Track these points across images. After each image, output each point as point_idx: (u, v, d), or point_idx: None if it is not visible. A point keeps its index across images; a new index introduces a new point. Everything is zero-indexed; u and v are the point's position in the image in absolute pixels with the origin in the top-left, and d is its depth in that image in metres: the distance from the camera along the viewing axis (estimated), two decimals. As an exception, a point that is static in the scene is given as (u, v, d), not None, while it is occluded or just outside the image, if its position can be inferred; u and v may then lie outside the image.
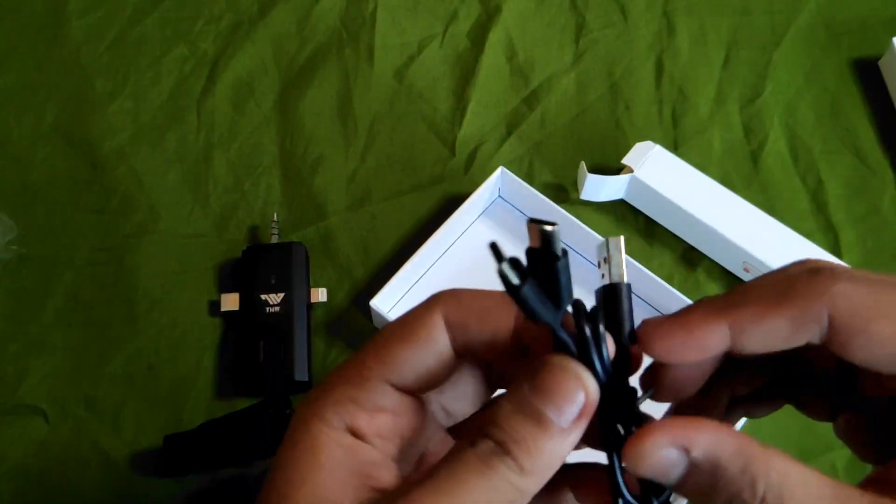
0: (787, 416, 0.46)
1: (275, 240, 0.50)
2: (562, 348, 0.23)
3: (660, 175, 0.50)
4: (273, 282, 0.47)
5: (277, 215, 0.51)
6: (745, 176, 0.54)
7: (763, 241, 0.48)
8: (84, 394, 0.47)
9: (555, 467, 0.22)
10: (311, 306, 0.48)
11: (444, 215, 0.49)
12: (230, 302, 0.48)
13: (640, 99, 0.57)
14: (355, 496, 0.22)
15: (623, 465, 0.22)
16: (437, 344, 0.24)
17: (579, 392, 0.22)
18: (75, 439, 0.46)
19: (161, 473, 0.45)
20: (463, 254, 0.50)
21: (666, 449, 0.21)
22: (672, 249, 0.51)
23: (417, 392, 0.24)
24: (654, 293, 0.48)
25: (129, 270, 0.51)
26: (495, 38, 0.59)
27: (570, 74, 0.58)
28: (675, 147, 0.55)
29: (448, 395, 0.26)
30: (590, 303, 0.25)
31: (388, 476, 0.23)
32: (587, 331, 0.23)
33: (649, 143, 0.51)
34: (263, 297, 0.47)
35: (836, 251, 0.51)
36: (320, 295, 0.48)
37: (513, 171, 0.50)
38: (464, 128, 0.56)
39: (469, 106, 0.56)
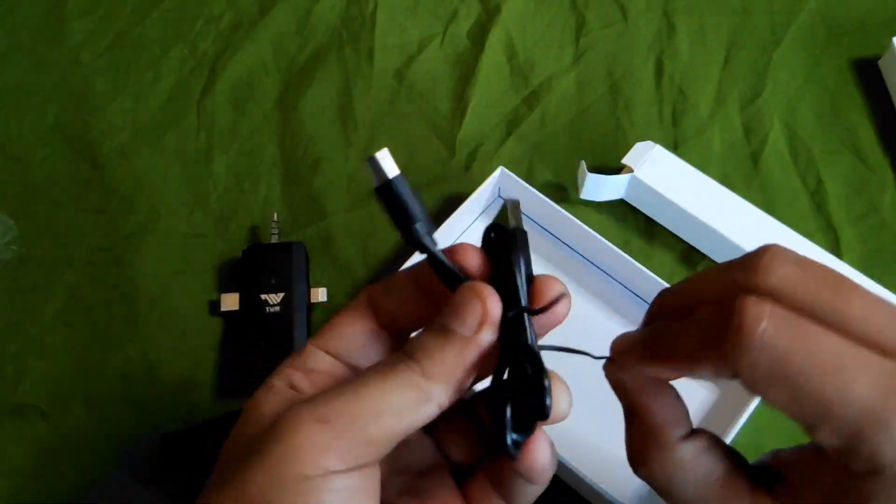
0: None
1: (275, 240, 0.50)
2: (440, 270, 0.26)
3: (660, 175, 0.50)
4: (273, 282, 0.47)
5: (277, 215, 0.51)
6: (745, 176, 0.54)
7: (763, 241, 0.47)
8: (84, 394, 0.47)
9: (458, 376, 0.25)
10: (311, 306, 0.48)
11: (444, 215, 0.49)
12: (230, 302, 0.48)
13: (640, 99, 0.57)
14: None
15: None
16: (361, 318, 0.28)
17: (477, 304, 0.25)
18: (75, 439, 0.46)
19: (160, 473, 0.45)
20: (463, 254, 0.50)
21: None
22: (672, 249, 0.51)
23: (347, 359, 0.28)
24: (654, 293, 0.48)
25: (129, 270, 0.51)
26: (495, 38, 0.59)
27: (570, 74, 0.58)
28: (675, 147, 0.55)
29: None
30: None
31: None
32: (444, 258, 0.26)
33: (649, 143, 0.51)
34: (263, 297, 0.47)
35: (836, 251, 0.51)
36: (320, 295, 0.48)
37: (513, 171, 0.50)
38: (464, 128, 0.56)
39: (469, 106, 0.56)
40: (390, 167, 0.26)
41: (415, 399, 0.24)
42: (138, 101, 0.57)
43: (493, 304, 0.25)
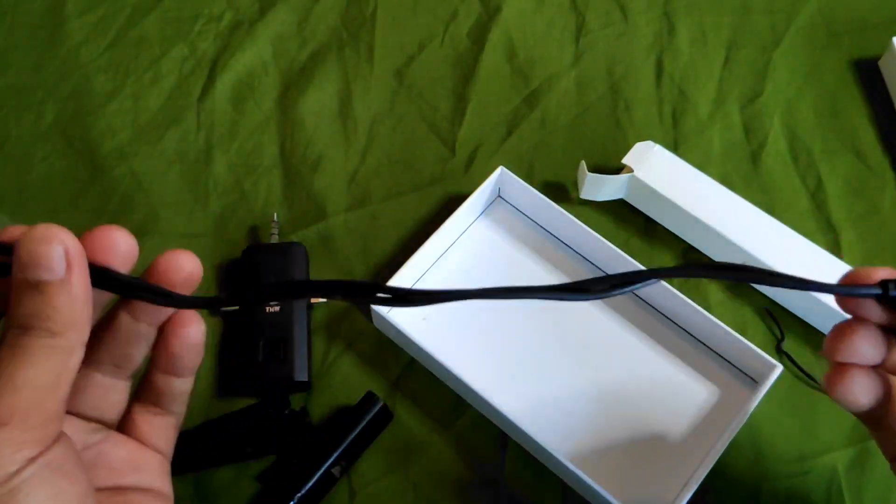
0: (787, 416, 0.46)
1: (275, 240, 0.50)
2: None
3: (660, 175, 0.50)
4: (273, 281, 0.47)
5: (277, 215, 0.51)
6: (745, 176, 0.54)
7: (763, 241, 0.48)
8: (84, 394, 0.47)
9: (81, 310, 0.25)
10: (311, 306, 0.48)
11: (444, 215, 0.49)
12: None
13: (640, 99, 0.57)
14: None
15: None
16: None
17: (56, 247, 0.24)
18: (75, 439, 0.46)
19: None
20: (463, 254, 0.50)
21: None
22: (672, 249, 0.51)
23: None
24: (654, 293, 0.48)
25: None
26: (495, 38, 0.59)
27: (570, 74, 0.58)
28: (675, 147, 0.55)
29: None
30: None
31: None
32: None
33: (649, 142, 0.51)
34: (263, 297, 0.47)
35: (836, 251, 0.51)
36: (320, 295, 0.48)
37: (513, 171, 0.50)
38: (464, 128, 0.56)
39: (469, 106, 0.56)
40: None
41: (64, 359, 0.25)
42: (138, 101, 0.57)
43: (69, 239, 0.25)
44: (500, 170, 0.50)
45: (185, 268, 0.28)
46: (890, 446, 0.32)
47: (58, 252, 0.24)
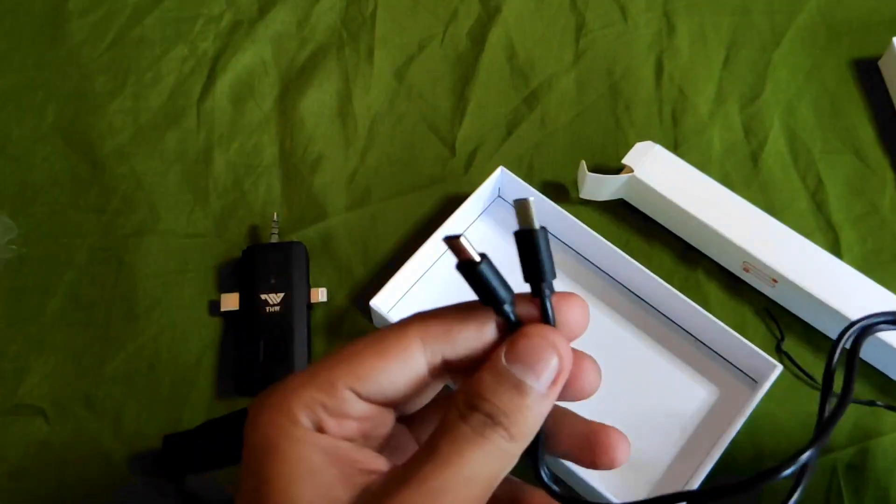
0: (787, 416, 0.46)
1: (274, 240, 0.50)
2: (514, 327, 0.24)
3: (660, 175, 0.50)
4: (273, 282, 0.47)
5: (277, 215, 0.51)
6: (745, 176, 0.54)
7: (763, 241, 0.48)
8: (84, 394, 0.47)
9: (537, 428, 0.24)
10: (311, 306, 0.48)
11: (444, 215, 0.49)
12: (230, 302, 0.48)
13: (640, 99, 0.57)
14: (349, 491, 0.23)
15: None
16: (412, 363, 0.25)
17: (553, 358, 0.23)
18: (75, 439, 0.46)
19: (161, 474, 0.45)
20: (463, 254, 0.50)
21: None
22: (672, 249, 0.51)
23: (383, 405, 0.25)
24: (654, 293, 0.48)
25: (129, 270, 0.51)
26: (495, 38, 0.59)
27: (570, 74, 0.58)
28: (675, 147, 0.55)
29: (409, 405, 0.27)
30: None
31: (375, 462, 0.24)
32: (548, 303, 0.24)
33: (649, 142, 0.51)
34: (263, 296, 0.47)
35: (836, 251, 0.51)
36: (320, 295, 0.48)
37: (513, 171, 0.50)
38: (464, 128, 0.56)
39: (469, 106, 0.56)
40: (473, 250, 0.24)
41: (508, 464, 0.24)
42: (138, 101, 0.57)
43: (568, 356, 0.24)
44: (500, 170, 0.50)
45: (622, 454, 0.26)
46: None
47: (553, 364, 0.24)
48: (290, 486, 0.22)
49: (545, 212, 0.50)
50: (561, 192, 0.53)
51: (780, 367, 0.44)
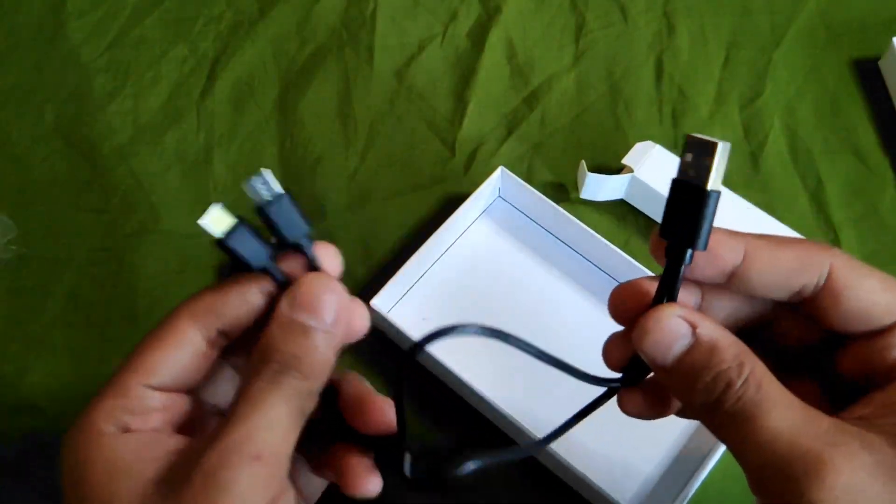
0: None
1: (274, 240, 0.50)
2: (284, 285, 0.27)
3: (660, 175, 0.50)
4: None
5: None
6: (745, 176, 0.54)
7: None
8: (84, 394, 0.47)
9: (331, 363, 0.26)
10: (311, 306, 0.48)
11: (444, 215, 0.49)
12: (230, 302, 0.48)
13: (640, 99, 0.57)
14: (164, 474, 0.24)
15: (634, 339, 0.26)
16: (190, 343, 0.27)
17: (331, 296, 0.26)
18: (75, 439, 0.46)
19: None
20: (463, 254, 0.50)
21: (678, 320, 0.25)
22: (672, 249, 0.51)
23: (182, 389, 0.27)
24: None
25: (129, 270, 0.51)
26: (495, 38, 0.59)
27: (570, 74, 0.58)
28: (675, 147, 0.55)
29: (215, 391, 0.29)
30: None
31: (187, 443, 0.26)
32: (313, 254, 0.27)
33: (649, 142, 0.51)
34: (263, 297, 0.47)
35: (836, 251, 0.51)
36: (320, 295, 0.48)
37: (513, 171, 0.50)
38: (464, 128, 0.56)
39: (469, 106, 0.56)
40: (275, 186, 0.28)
41: (308, 404, 0.26)
42: (138, 101, 0.57)
43: (343, 294, 0.26)
44: (500, 170, 0.50)
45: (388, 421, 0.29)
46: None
47: (332, 303, 0.26)
48: (107, 488, 0.24)
49: (545, 212, 0.50)
50: (561, 192, 0.53)
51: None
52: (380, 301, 0.46)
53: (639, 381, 0.29)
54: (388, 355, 0.47)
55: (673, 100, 0.57)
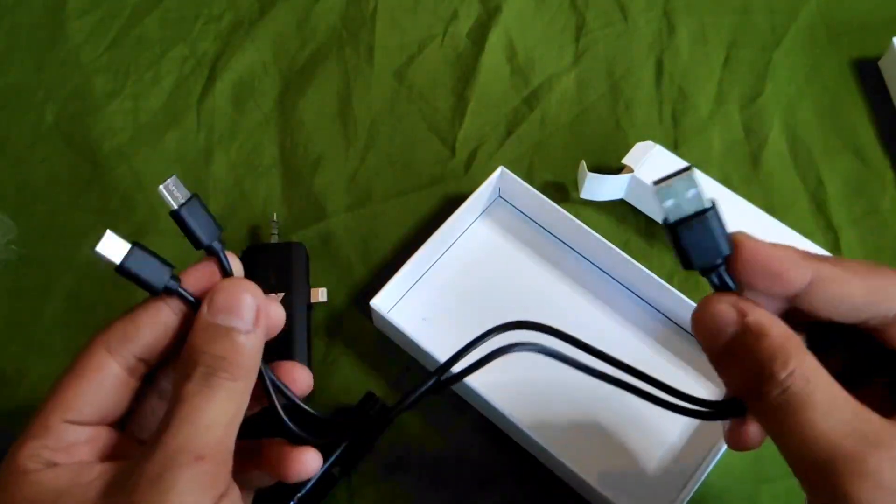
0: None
1: (274, 240, 0.50)
2: (191, 297, 0.28)
3: (660, 175, 0.50)
4: (273, 282, 0.47)
5: (277, 215, 0.51)
6: (745, 176, 0.54)
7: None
8: (84, 394, 0.47)
9: (258, 360, 0.27)
10: (311, 306, 0.48)
11: (444, 215, 0.49)
12: (230, 302, 0.48)
13: (640, 99, 0.57)
14: (106, 489, 0.25)
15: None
16: (108, 374, 0.27)
17: (248, 297, 0.27)
18: (75, 439, 0.46)
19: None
20: (463, 254, 0.50)
21: (727, 307, 0.26)
22: (672, 249, 0.51)
23: (105, 421, 0.27)
24: (654, 293, 0.48)
25: (129, 270, 0.50)
26: (495, 38, 0.59)
27: (570, 74, 0.58)
28: (675, 147, 0.55)
29: (142, 423, 0.30)
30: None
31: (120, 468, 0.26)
32: (225, 259, 0.29)
33: (649, 142, 0.51)
34: (263, 297, 0.47)
35: (836, 251, 0.51)
36: (320, 295, 0.48)
37: (513, 171, 0.50)
38: (464, 128, 0.56)
39: (469, 106, 0.56)
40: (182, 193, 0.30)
41: (241, 402, 0.26)
42: (138, 101, 0.57)
43: (259, 294, 0.28)
44: (500, 170, 0.50)
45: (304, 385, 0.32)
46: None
47: (251, 304, 0.27)
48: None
49: (545, 212, 0.50)
50: (561, 192, 0.53)
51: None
52: (380, 301, 0.46)
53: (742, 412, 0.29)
54: (389, 355, 0.47)
55: (673, 100, 0.57)
